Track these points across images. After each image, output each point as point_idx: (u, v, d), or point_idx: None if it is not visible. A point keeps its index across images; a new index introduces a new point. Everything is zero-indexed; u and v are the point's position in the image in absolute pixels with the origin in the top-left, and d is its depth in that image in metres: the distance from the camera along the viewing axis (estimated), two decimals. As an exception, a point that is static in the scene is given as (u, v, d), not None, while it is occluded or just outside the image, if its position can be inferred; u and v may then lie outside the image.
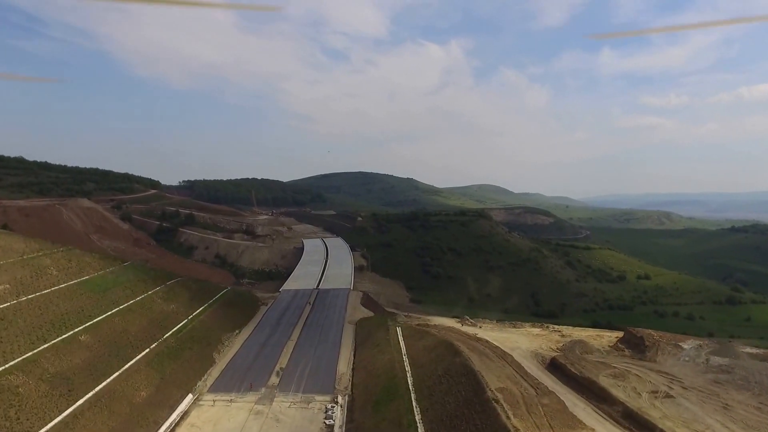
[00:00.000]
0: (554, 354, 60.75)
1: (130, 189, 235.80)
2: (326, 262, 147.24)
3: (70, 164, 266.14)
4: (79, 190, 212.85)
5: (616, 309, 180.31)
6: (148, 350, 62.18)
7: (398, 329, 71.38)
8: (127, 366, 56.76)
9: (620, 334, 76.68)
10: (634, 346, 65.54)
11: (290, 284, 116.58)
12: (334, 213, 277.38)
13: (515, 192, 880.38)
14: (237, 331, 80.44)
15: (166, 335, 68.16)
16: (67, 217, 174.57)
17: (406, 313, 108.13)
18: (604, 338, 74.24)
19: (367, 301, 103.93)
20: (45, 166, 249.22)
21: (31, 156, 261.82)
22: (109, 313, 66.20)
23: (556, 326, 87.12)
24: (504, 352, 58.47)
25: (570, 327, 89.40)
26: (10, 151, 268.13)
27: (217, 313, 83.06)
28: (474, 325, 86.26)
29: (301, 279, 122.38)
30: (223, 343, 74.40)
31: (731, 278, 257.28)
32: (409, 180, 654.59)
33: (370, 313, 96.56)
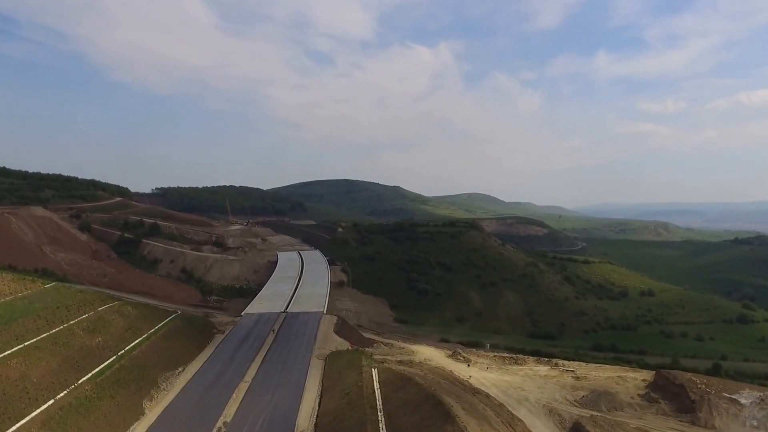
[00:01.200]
0: (574, 411, 48.81)
1: (92, 196, 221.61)
2: (300, 278, 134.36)
3: (43, 171, 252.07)
4: (35, 197, 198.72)
5: (619, 329, 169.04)
6: (51, 402, 49.11)
7: (374, 371, 58.71)
8: (12, 430, 43.74)
9: (647, 375, 64.82)
10: (673, 397, 53.60)
11: (255, 306, 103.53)
12: (314, 223, 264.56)
13: (506, 201, 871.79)
14: (181, 369, 67.41)
15: (82, 380, 55.14)
16: (16, 227, 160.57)
17: (388, 341, 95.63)
18: (628, 381, 62.08)
19: (342, 328, 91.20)
20: (2, 172, 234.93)
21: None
22: (5, 353, 53.14)
23: (565, 362, 74.91)
24: (511, 415, 45.93)
25: (583, 364, 77.04)
26: None
27: (158, 346, 70.00)
28: (467, 360, 73.88)
29: (268, 300, 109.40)
30: (159, 386, 61.35)
31: (737, 293, 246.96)
32: (396, 188, 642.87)
33: (345, 343, 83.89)
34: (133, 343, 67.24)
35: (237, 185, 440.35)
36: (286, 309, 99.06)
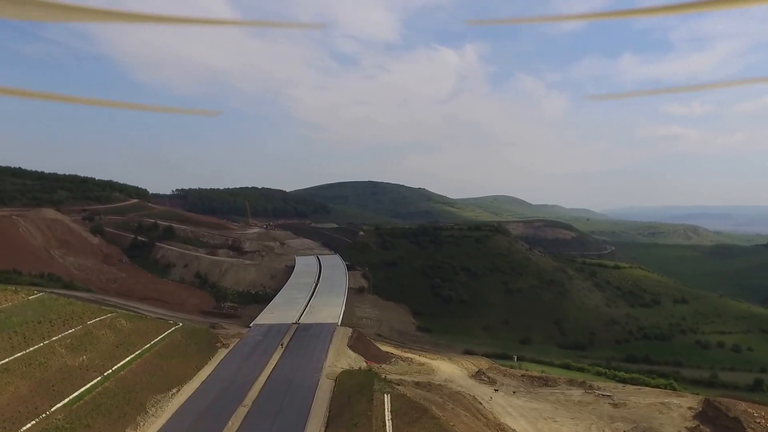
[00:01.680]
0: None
1: (107, 198, 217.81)
2: (316, 285, 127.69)
3: (62, 172, 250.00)
4: (47, 199, 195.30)
5: (652, 339, 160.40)
6: (15, 435, 42.75)
7: (386, 398, 51.58)
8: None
9: (693, 401, 56.83)
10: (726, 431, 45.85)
11: (265, 316, 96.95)
12: (336, 226, 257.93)
13: (533, 204, 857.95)
14: (175, 390, 60.82)
15: (56, 407, 48.69)
16: (24, 230, 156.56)
17: (407, 355, 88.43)
18: (673, 410, 54.06)
19: (357, 342, 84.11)
20: (18, 173, 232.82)
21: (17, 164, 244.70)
22: (-31, 377, 47.01)
23: (600, 384, 66.91)
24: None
25: (620, 386, 68.89)
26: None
27: (151, 365, 63.52)
28: (492, 382, 66.32)
29: (280, 309, 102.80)
30: (147, 412, 54.77)
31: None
32: (421, 190, 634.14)
33: (360, 359, 76.87)
34: (123, 362, 60.83)
35: (259, 187, 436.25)
36: (299, 320, 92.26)
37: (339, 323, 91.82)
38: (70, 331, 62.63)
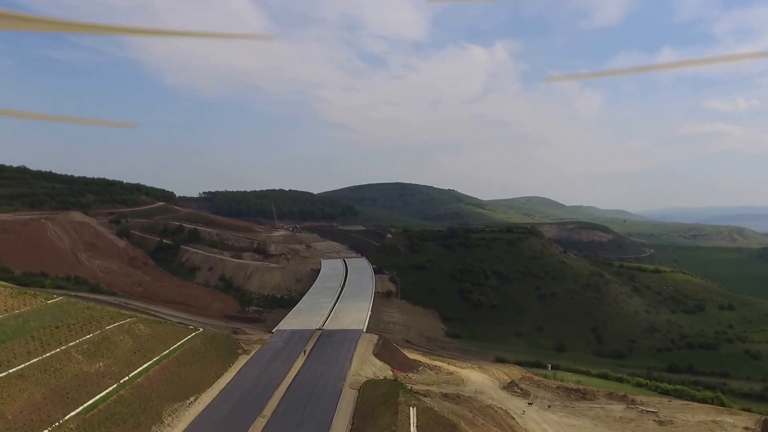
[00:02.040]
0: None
1: (134, 201, 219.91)
2: (341, 290, 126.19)
3: (93, 176, 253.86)
4: (75, 202, 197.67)
5: (696, 348, 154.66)
6: (24, 447, 41.90)
7: (412, 411, 49.53)
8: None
9: (748, 420, 53.59)
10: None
11: (289, 322, 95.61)
12: (363, 228, 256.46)
13: (566, 205, 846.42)
14: (192, 398, 59.72)
15: (69, 415, 47.87)
16: (52, 233, 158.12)
17: (435, 363, 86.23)
18: (726, 431, 50.95)
19: (383, 349, 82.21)
20: (48, 176, 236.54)
21: (46, 167, 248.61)
22: (-21, 385, 46.35)
23: (643, 398, 63.79)
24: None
25: (665, 400, 65.69)
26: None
27: (169, 372, 62.55)
28: (525, 394, 63.82)
29: (304, 314, 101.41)
30: (162, 422, 53.71)
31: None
32: (451, 191, 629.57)
33: (385, 367, 75.00)
34: (140, 369, 59.95)
35: (286, 189, 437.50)
36: (323, 326, 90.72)
37: (364, 329, 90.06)
38: (88, 336, 61.97)
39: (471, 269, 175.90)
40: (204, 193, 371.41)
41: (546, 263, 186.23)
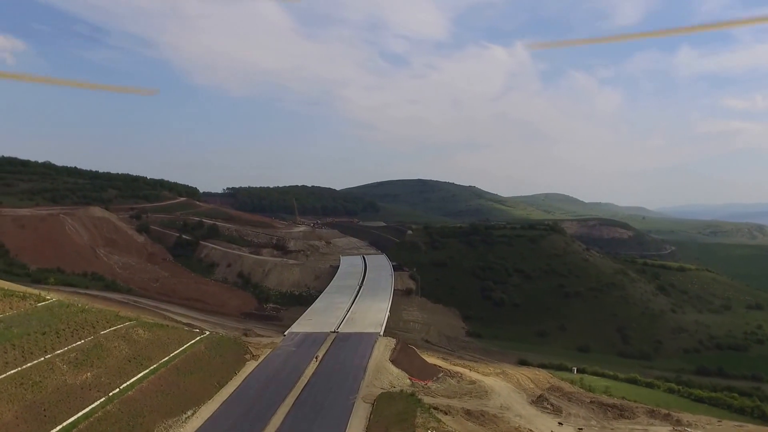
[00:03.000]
0: None
1: (155, 196, 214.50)
2: (360, 288, 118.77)
3: (118, 172, 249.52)
4: (97, 197, 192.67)
5: (725, 349, 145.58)
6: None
7: (431, 435, 41.88)
8: None
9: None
10: None
11: (302, 324, 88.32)
12: (384, 225, 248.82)
13: (585, 202, 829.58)
14: (190, 413, 52.67)
15: (43, 438, 40.99)
16: (70, 228, 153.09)
17: (456, 369, 78.44)
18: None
19: (401, 354, 74.66)
20: (73, 172, 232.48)
21: (68, 163, 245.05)
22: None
23: (689, 417, 55.47)
24: None
25: (713, 419, 57.25)
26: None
27: (166, 382, 55.59)
28: (557, 411, 55.85)
29: (319, 315, 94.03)
30: (154, 440, 46.66)
31: None
32: (471, 188, 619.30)
33: (403, 375, 67.54)
34: (133, 379, 53.07)
35: (309, 185, 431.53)
36: (338, 328, 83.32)
37: (381, 332, 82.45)
38: (78, 343, 55.23)
39: (493, 267, 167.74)
40: (227, 189, 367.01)
41: (569, 261, 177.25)
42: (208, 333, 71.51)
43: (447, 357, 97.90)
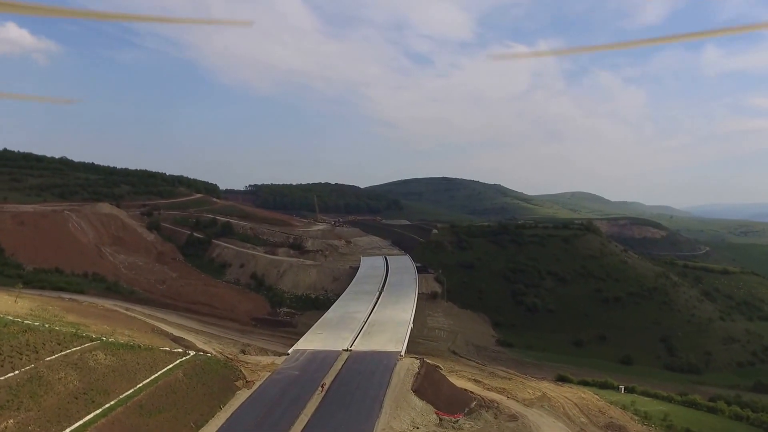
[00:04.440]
0: None
1: (170, 192, 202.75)
2: (379, 295, 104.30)
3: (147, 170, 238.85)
4: (108, 193, 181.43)
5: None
6: None
7: None
8: None
9: None
10: None
11: (310, 338, 73.89)
12: (408, 223, 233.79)
13: (612, 200, 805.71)
14: (150, 470, 38.79)
15: None
16: (74, 225, 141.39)
17: (492, 397, 63.87)
18: None
19: (426, 381, 60.19)
20: (89, 168, 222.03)
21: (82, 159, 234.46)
22: None
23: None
24: None
25: None
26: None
27: (121, 427, 41.84)
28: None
29: (330, 328, 79.30)
30: None
31: None
32: (497, 186, 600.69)
33: (428, 409, 53.63)
34: (76, 425, 39.55)
35: (332, 182, 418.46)
36: (351, 346, 68.89)
37: (403, 351, 67.66)
38: (9, 375, 41.84)
39: (524, 269, 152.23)
40: (249, 186, 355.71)
41: (606, 263, 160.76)
42: (192, 354, 57.63)
43: (478, 374, 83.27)
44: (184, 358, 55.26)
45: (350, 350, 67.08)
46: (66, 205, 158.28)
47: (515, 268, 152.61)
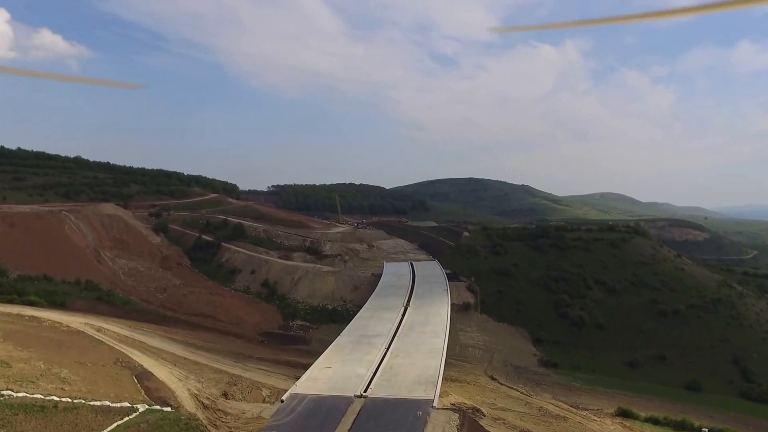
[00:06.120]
0: None
1: (182, 192, 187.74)
2: (404, 311, 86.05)
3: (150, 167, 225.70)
4: (116, 193, 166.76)
5: None
6: None
7: None
8: None
9: None
10: None
11: (315, 377, 55.25)
12: (435, 225, 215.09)
13: (642, 201, 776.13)
14: None
15: None
16: (71, 227, 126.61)
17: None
18: None
19: (467, 447, 42.10)
20: (104, 167, 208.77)
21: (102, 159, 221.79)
22: None
23: None
24: None
25: None
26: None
27: None
28: None
29: (341, 360, 60.57)
30: None
31: None
32: (525, 187, 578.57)
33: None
34: None
35: (357, 183, 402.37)
36: (366, 389, 50.45)
37: (435, 400, 48.65)
38: None
39: (567, 277, 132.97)
40: (272, 186, 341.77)
41: (660, 270, 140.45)
42: (139, 412, 40.22)
43: (526, 413, 64.98)
44: (122, 421, 37.94)
45: (365, 396, 48.97)
46: (69, 205, 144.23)
47: (557, 276, 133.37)
